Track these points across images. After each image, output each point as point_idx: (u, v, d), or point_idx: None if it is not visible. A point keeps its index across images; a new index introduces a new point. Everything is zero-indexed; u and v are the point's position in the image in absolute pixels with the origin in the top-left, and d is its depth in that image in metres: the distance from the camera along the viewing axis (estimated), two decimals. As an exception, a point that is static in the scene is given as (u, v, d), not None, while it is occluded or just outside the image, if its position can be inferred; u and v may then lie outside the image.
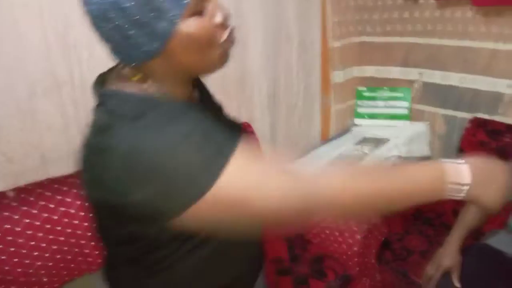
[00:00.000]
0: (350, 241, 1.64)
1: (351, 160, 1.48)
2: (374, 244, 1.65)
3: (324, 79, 2.17)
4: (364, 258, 1.64)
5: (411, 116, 2.19)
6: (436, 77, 2.08)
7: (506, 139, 1.77)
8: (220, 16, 0.65)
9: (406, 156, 2.04)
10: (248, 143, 0.70)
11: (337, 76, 2.22)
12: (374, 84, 2.29)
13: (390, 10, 2.13)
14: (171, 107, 0.67)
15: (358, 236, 1.61)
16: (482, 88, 1.92)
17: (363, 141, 2.15)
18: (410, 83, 2.18)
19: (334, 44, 2.15)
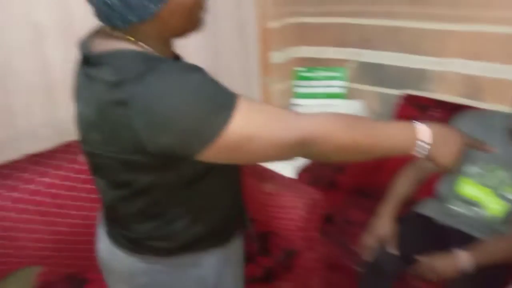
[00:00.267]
0: (294, 216, 1.68)
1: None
2: (317, 218, 1.70)
3: (263, 60, 2.18)
4: (307, 233, 1.70)
5: (347, 94, 2.27)
6: (369, 56, 2.17)
7: (435, 113, 1.89)
8: None
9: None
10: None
11: (276, 57, 2.24)
12: (312, 64, 2.34)
13: (325, -9, 2.18)
14: (174, 62, 0.72)
15: (301, 211, 1.66)
16: (411, 66, 2.03)
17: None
18: (345, 62, 2.26)
19: (271, 25, 2.16)
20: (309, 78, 2.33)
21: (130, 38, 0.72)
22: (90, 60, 0.72)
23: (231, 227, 0.94)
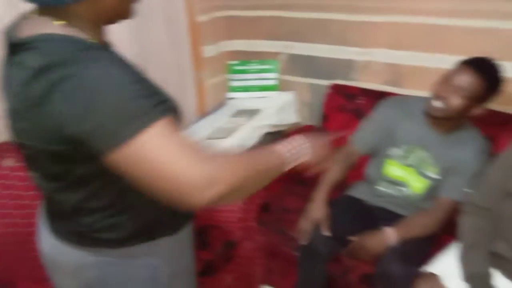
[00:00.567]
0: (231, 208, 1.69)
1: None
2: (254, 208, 1.73)
3: (195, 54, 2.16)
4: (246, 223, 1.72)
5: (280, 86, 2.32)
6: (299, 48, 2.22)
7: (360, 101, 1.98)
8: None
9: (277, 124, 2.16)
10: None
11: (208, 51, 2.23)
12: (244, 57, 2.36)
13: (253, -16, 2.20)
14: (105, 51, 0.72)
15: (239, 202, 1.67)
16: (338, 57, 2.11)
17: (238, 113, 2.21)
18: (277, 55, 2.30)
19: (201, 19, 2.15)
20: (242, 71, 2.34)
21: (60, 22, 0.69)
22: (16, 47, 0.68)
23: (180, 216, 0.93)
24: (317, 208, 1.53)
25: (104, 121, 0.62)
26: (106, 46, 0.79)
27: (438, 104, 1.39)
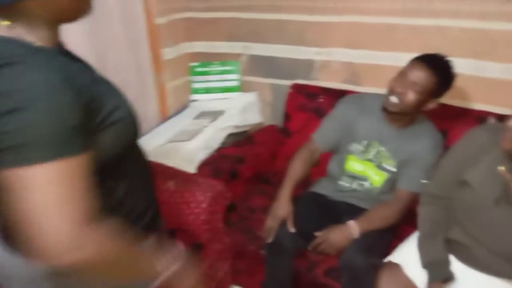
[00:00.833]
0: (197, 210, 1.68)
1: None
2: (220, 209, 1.72)
3: (155, 56, 2.13)
4: (212, 225, 1.71)
5: (242, 87, 2.33)
6: (259, 49, 2.24)
7: (320, 100, 2.03)
8: None
9: (241, 125, 2.17)
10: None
11: (168, 53, 2.21)
12: (205, 59, 2.35)
13: (211, -14, 2.20)
14: (49, 55, 0.66)
15: (204, 204, 1.66)
16: (297, 57, 2.15)
17: (201, 115, 2.21)
18: (238, 56, 2.31)
19: (160, 21, 2.12)
20: (203, 73, 2.33)
21: (6, 22, 0.65)
22: None
23: (139, 227, 0.89)
24: (282, 206, 1.55)
25: (13, 133, 0.58)
26: (58, 50, 0.74)
27: (394, 99, 1.44)
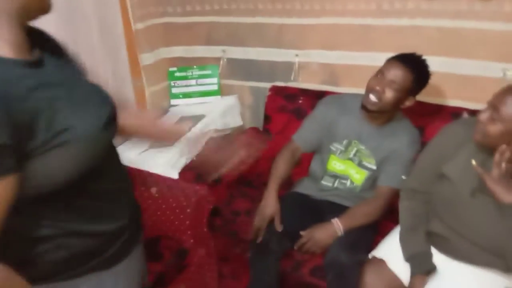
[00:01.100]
0: (181, 216, 1.67)
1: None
2: (204, 214, 1.72)
3: (132, 62, 2.11)
4: (197, 230, 1.70)
5: (221, 91, 2.33)
6: (237, 52, 2.25)
7: (300, 101, 2.05)
8: None
9: (222, 128, 2.17)
10: None
11: (146, 58, 2.19)
12: (184, 63, 2.35)
13: (187, -10, 2.20)
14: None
15: (188, 209, 1.66)
16: (276, 59, 2.16)
17: (181, 120, 2.19)
18: (216, 60, 2.31)
19: (137, 26, 2.11)
20: (182, 78, 2.33)
21: None
22: None
23: (116, 247, 0.85)
24: (269, 205, 1.56)
25: None
26: (15, 60, 0.67)
27: (373, 98, 1.47)
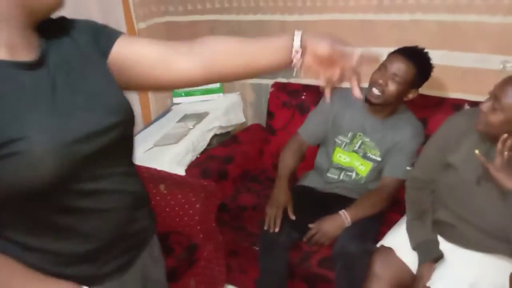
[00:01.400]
0: (191, 211, 1.69)
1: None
2: (212, 209, 1.74)
3: (135, 61, 2.13)
4: (205, 225, 1.73)
5: (224, 88, 2.35)
6: (240, 50, 2.27)
7: (303, 96, 2.08)
8: None
9: (225, 126, 2.20)
10: None
11: (148, 58, 2.21)
12: (187, 62, 2.36)
13: (188, -11, 2.22)
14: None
15: (197, 205, 1.68)
16: (278, 56, 2.18)
17: (185, 117, 2.22)
18: (219, 58, 2.32)
19: (140, 26, 2.13)
20: (185, 76, 2.34)
21: None
22: None
23: (86, 272, 0.78)
24: (282, 193, 1.59)
25: None
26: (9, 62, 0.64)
27: (376, 91, 1.51)
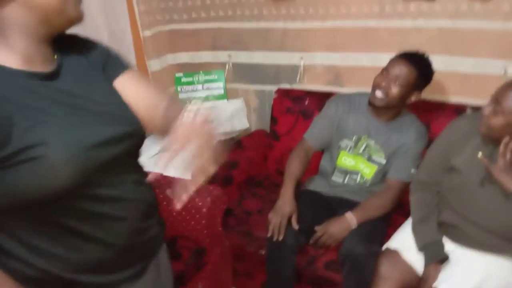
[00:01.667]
0: (197, 216, 1.71)
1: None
2: (219, 213, 1.76)
3: (141, 68, 2.17)
4: (212, 229, 1.74)
5: (227, 95, 2.38)
6: (243, 57, 2.31)
7: (306, 102, 2.11)
8: None
9: (230, 131, 2.22)
10: None
11: (153, 65, 2.25)
12: (190, 69, 2.40)
13: (192, -2, 2.26)
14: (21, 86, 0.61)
15: (204, 209, 1.70)
16: (281, 62, 2.23)
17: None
18: (222, 65, 2.36)
19: (145, 34, 2.16)
20: (189, 83, 2.38)
21: None
22: None
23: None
24: (287, 203, 1.60)
25: None
26: (28, 72, 0.64)
27: (379, 94, 1.54)
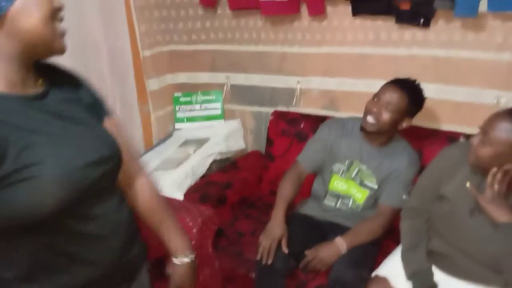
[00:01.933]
0: (188, 236, 1.70)
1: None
2: (209, 234, 1.75)
3: (139, 87, 2.19)
4: (203, 250, 1.73)
5: (225, 115, 2.41)
6: (241, 79, 2.35)
7: (301, 125, 2.12)
8: (59, 3, 0.69)
9: (225, 151, 2.23)
10: None
11: (152, 84, 2.28)
12: (189, 89, 2.44)
13: (193, 20, 2.31)
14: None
15: (195, 229, 1.69)
16: (278, 86, 2.26)
17: (186, 143, 2.26)
18: (220, 86, 2.40)
19: (145, 54, 2.20)
20: (187, 103, 2.41)
21: None
22: None
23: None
24: (277, 226, 1.58)
25: None
26: (13, 95, 0.67)
27: (370, 119, 1.56)
